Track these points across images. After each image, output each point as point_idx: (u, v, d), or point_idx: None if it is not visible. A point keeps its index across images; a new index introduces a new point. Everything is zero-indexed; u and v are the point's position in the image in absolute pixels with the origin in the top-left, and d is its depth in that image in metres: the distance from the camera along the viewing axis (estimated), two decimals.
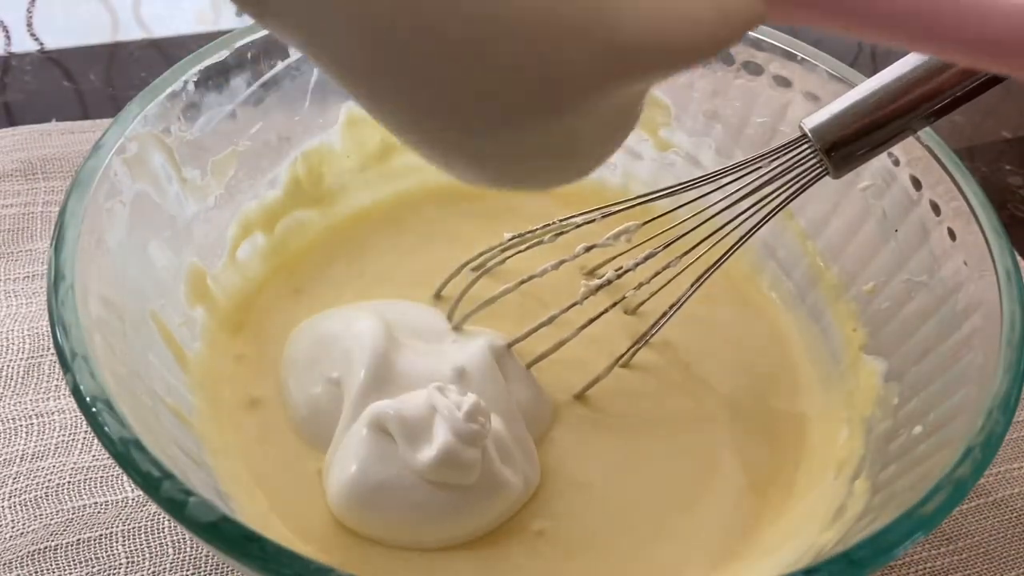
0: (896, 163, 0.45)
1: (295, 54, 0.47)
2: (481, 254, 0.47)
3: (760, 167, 0.43)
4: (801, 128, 0.41)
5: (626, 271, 0.45)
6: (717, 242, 0.44)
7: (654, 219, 0.46)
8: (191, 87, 0.43)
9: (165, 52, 0.71)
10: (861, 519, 0.36)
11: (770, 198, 0.43)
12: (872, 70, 0.39)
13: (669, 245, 0.44)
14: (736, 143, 0.51)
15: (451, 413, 0.38)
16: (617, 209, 0.45)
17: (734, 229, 0.44)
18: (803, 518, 0.41)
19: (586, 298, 0.45)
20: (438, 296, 0.48)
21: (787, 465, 0.44)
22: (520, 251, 0.46)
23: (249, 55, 0.45)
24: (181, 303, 0.43)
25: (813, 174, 0.42)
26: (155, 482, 0.29)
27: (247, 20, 0.46)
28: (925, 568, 0.44)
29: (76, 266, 0.34)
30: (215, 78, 0.44)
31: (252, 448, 0.41)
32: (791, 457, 0.44)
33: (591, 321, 0.44)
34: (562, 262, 0.45)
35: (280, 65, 0.47)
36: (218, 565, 0.41)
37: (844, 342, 0.47)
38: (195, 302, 0.44)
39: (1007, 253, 0.39)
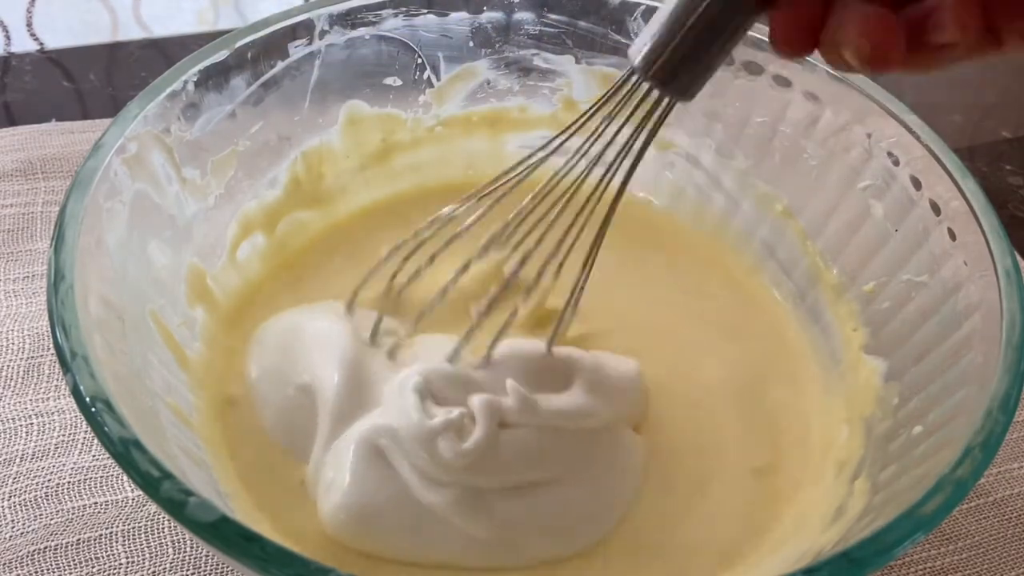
0: (896, 163, 0.45)
1: (295, 54, 0.47)
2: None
3: (609, 112, 0.38)
4: (630, 61, 0.36)
5: (515, 271, 0.41)
6: (597, 203, 0.40)
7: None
8: (191, 87, 0.43)
9: (165, 52, 0.71)
10: (861, 519, 0.36)
11: (632, 142, 0.38)
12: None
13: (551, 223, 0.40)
14: (736, 143, 0.51)
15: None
16: (485, 195, 0.41)
17: (608, 184, 0.40)
18: (803, 518, 0.41)
19: (490, 306, 0.41)
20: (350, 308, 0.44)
21: (792, 463, 0.43)
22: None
23: (249, 55, 0.45)
24: (181, 303, 0.43)
25: (665, 103, 0.37)
26: (155, 482, 0.29)
27: (247, 20, 0.46)
28: (925, 568, 0.44)
29: (76, 266, 0.34)
30: (215, 78, 0.44)
31: (237, 448, 0.41)
32: (796, 455, 0.44)
33: (501, 331, 0.42)
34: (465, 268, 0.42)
35: (280, 65, 0.47)
36: (218, 565, 0.41)
37: (844, 342, 0.47)
38: (195, 302, 0.44)
39: (1007, 253, 0.39)
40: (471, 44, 0.51)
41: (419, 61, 0.51)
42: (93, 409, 0.30)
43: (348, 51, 0.49)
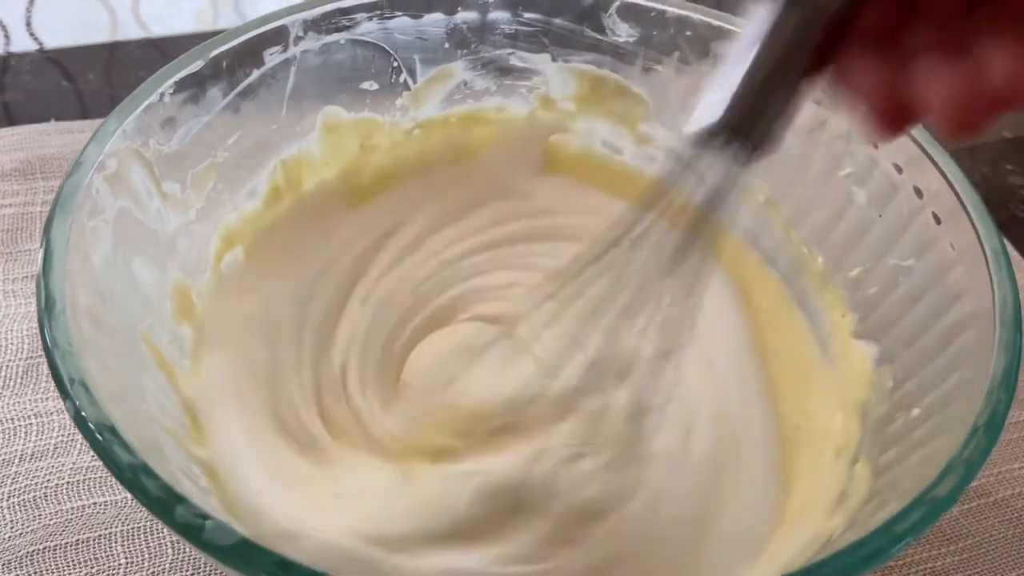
0: (876, 148, 0.45)
1: (270, 62, 0.46)
2: None
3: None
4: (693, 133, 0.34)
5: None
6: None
7: None
8: (167, 99, 0.42)
9: (164, 52, 0.70)
10: (868, 503, 0.36)
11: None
12: None
13: None
14: None
15: None
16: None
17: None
18: (804, 505, 0.41)
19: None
20: None
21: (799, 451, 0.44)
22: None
23: (224, 64, 0.44)
24: (168, 321, 0.42)
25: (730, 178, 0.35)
26: (168, 508, 0.28)
27: (246, 19, 0.46)
28: (926, 568, 0.45)
29: (66, 289, 0.33)
30: (191, 89, 0.43)
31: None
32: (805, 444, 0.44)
33: None
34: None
35: (256, 73, 0.46)
36: (217, 566, 0.41)
37: (833, 328, 0.47)
38: (181, 319, 0.43)
39: (993, 233, 0.39)
40: (447, 45, 0.51)
41: (395, 64, 0.50)
42: (100, 437, 0.29)
43: (323, 57, 0.48)
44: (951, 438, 0.34)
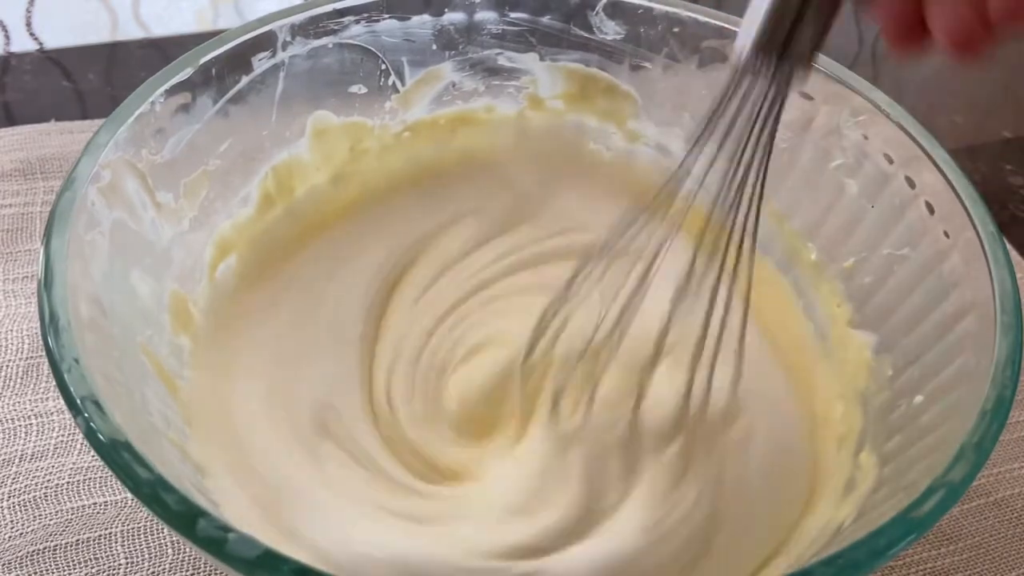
0: (866, 138, 0.46)
1: (259, 68, 0.46)
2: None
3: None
4: (739, 55, 0.36)
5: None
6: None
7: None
8: (158, 108, 0.41)
9: (164, 52, 0.70)
10: (876, 492, 0.37)
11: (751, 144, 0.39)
12: (872, 70, 0.38)
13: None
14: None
15: None
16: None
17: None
18: (813, 494, 0.41)
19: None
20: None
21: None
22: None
23: (213, 71, 0.44)
24: (166, 332, 0.41)
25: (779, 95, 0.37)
26: (190, 521, 0.28)
27: (246, 19, 0.45)
28: (926, 568, 0.45)
29: (68, 304, 0.33)
30: (181, 97, 0.43)
31: None
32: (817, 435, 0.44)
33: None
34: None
35: (245, 80, 0.45)
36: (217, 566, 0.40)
37: (829, 319, 0.47)
38: (179, 330, 0.42)
39: (987, 218, 0.40)
40: (434, 47, 0.51)
41: (383, 67, 0.50)
42: (115, 453, 0.29)
43: (312, 61, 0.48)
44: (959, 424, 0.34)
